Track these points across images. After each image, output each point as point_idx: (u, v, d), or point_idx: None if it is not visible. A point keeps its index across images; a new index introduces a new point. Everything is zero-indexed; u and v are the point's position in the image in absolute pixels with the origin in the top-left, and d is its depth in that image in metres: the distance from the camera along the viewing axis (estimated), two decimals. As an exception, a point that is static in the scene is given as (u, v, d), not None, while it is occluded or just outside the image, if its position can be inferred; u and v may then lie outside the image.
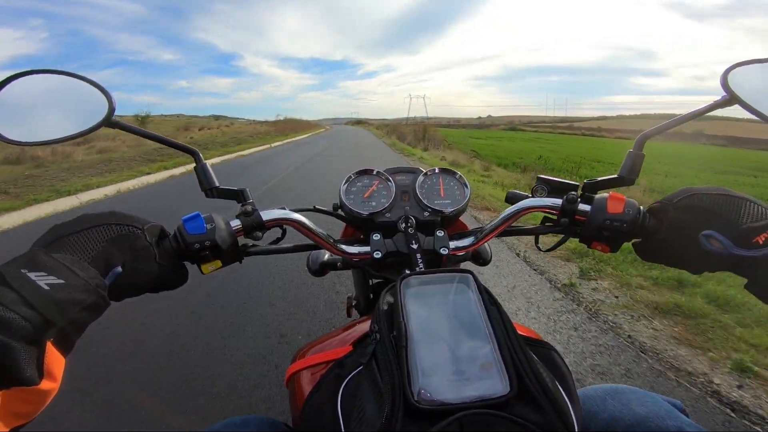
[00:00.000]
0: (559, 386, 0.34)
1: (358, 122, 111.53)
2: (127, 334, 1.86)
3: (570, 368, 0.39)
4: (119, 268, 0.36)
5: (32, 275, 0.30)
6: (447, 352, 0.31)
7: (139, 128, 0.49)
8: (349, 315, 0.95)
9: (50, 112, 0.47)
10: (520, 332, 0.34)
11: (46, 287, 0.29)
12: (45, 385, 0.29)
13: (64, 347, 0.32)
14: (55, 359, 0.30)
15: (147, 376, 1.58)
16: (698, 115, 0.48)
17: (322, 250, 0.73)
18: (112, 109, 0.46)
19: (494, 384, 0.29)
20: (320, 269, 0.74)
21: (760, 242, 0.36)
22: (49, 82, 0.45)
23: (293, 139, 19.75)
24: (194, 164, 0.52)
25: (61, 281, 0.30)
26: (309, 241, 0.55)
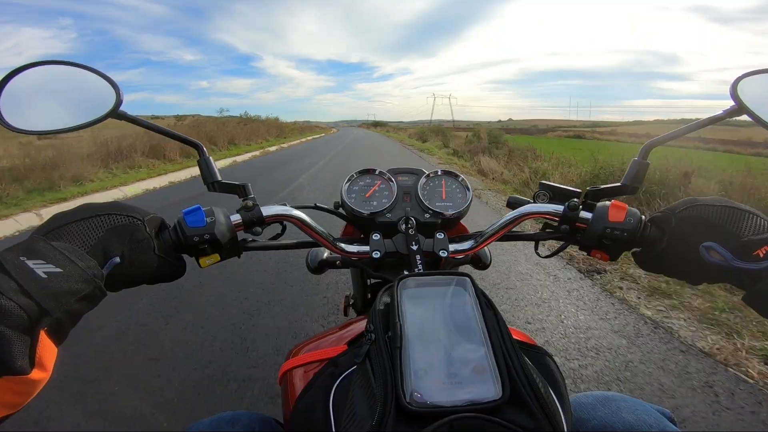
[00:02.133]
0: (551, 392, 0.34)
1: (376, 124, 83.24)
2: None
3: (563, 374, 0.39)
4: (117, 259, 0.36)
5: (30, 263, 0.30)
6: (441, 354, 0.31)
7: (145, 121, 0.50)
8: (345, 314, 0.95)
9: (59, 102, 0.47)
10: (515, 337, 0.34)
11: (44, 276, 0.29)
12: (35, 374, 0.28)
13: (58, 337, 0.31)
14: (47, 349, 0.30)
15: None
16: (707, 124, 0.48)
17: (322, 248, 0.73)
18: (119, 101, 0.46)
19: (487, 388, 0.29)
20: (319, 267, 0.74)
21: (761, 255, 0.36)
22: (59, 73, 0.46)
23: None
24: (198, 157, 0.52)
25: (59, 270, 0.30)
26: (309, 239, 0.55)
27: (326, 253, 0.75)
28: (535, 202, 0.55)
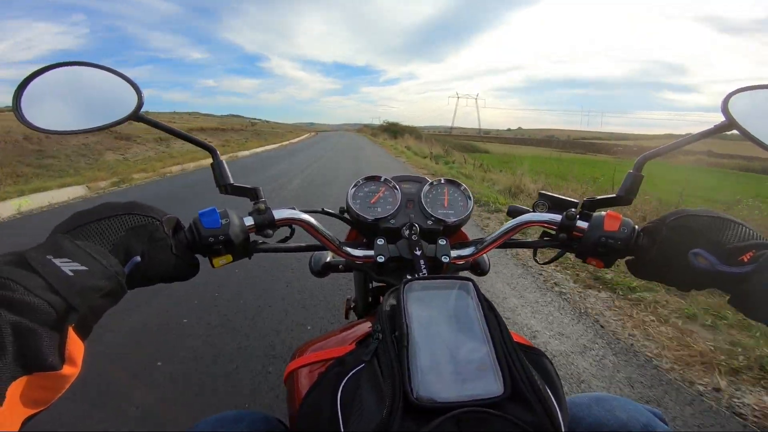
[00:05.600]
0: (548, 390, 0.35)
1: (393, 132, 40.10)
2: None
3: (559, 374, 0.41)
4: (138, 258, 0.37)
5: (57, 261, 0.31)
6: (446, 353, 0.33)
7: (163, 124, 0.51)
8: (347, 317, 0.97)
9: (81, 102, 0.48)
10: (514, 339, 0.35)
11: (71, 273, 0.30)
12: (66, 370, 0.29)
13: (83, 332, 0.32)
14: (75, 344, 0.31)
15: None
16: (698, 139, 0.50)
17: (325, 252, 0.74)
18: (140, 104, 0.47)
19: (489, 385, 0.30)
20: (322, 270, 0.75)
21: (745, 260, 0.38)
22: (83, 74, 0.47)
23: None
24: (211, 161, 0.54)
25: (85, 268, 0.31)
26: (316, 242, 0.57)
27: (329, 257, 0.76)
28: (534, 211, 0.57)
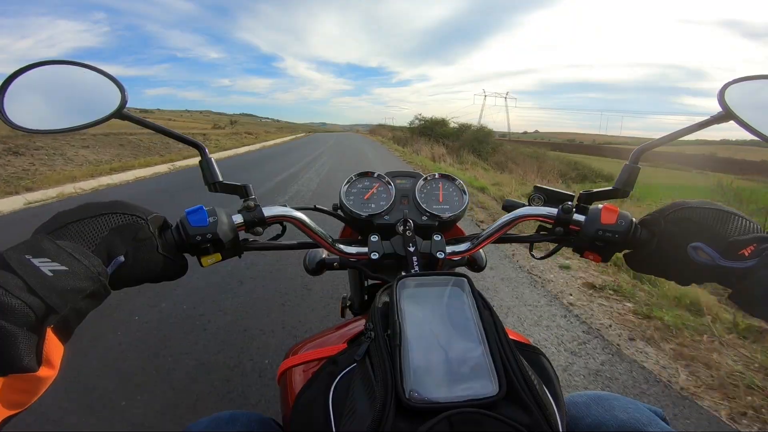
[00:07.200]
0: (546, 390, 0.34)
1: (447, 133, 22.08)
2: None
3: (557, 373, 0.40)
4: (122, 258, 0.37)
5: (36, 261, 0.30)
6: (440, 352, 0.32)
7: (149, 121, 0.50)
8: (342, 315, 0.96)
9: (64, 101, 0.47)
10: (511, 337, 0.34)
11: (50, 274, 0.30)
12: (43, 372, 0.29)
13: (64, 335, 0.32)
14: (54, 346, 0.30)
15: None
16: (694, 130, 0.49)
17: (320, 249, 0.73)
18: (124, 102, 0.47)
19: (484, 385, 0.30)
20: (317, 268, 0.74)
21: (746, 254, 0.37)
22: (66, 73, 0.46)
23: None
24: (199, 158, 0.52)
25: (65, 268, 0.31)
26: (309, 240, 0.56)
27: (324, 254, 0.75)
28: (529, 205, 0.56)
